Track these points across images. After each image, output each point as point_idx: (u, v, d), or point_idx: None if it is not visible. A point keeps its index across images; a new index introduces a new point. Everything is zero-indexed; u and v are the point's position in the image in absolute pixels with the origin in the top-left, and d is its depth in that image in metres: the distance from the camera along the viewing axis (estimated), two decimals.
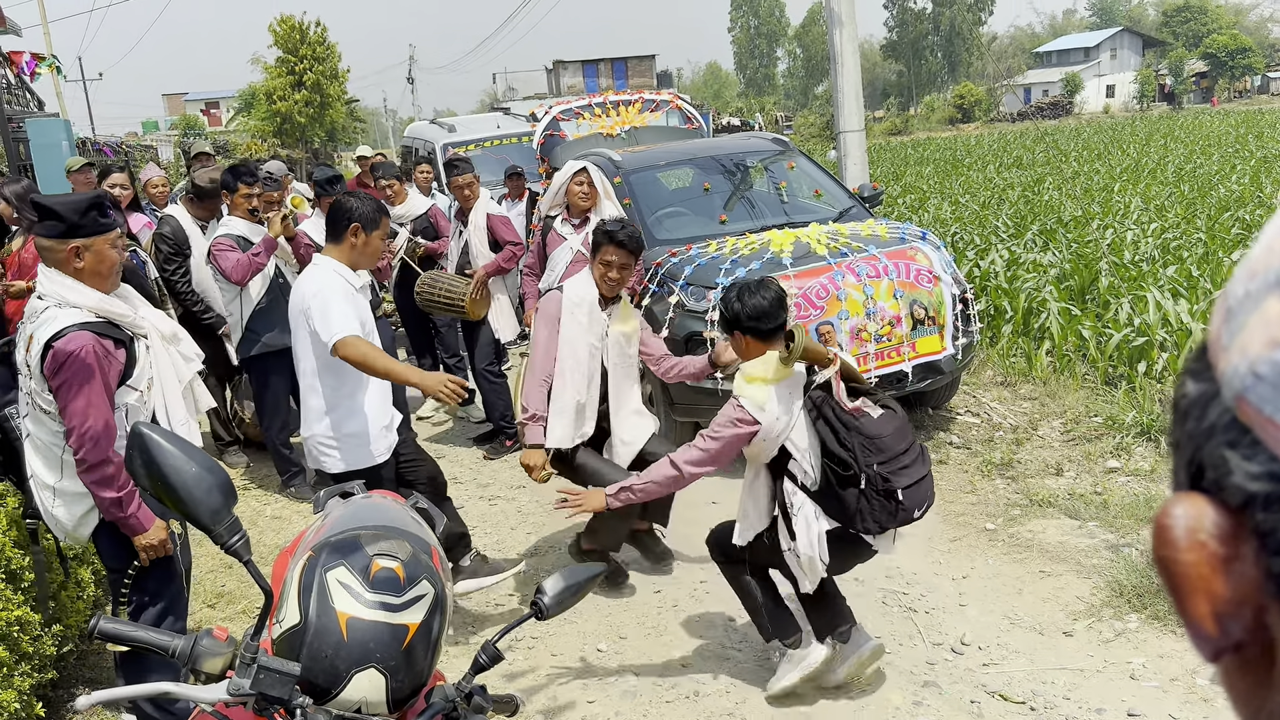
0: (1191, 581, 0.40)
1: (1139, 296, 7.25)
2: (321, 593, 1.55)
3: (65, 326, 2.83)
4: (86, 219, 2.90)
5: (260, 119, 40.64)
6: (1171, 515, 0.42)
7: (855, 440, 3.15)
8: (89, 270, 2.92)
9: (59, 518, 3.04)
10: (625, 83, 41.29)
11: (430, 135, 11.57)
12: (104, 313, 2.91)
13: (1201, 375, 0.43)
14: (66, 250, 2.89)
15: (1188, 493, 0.42)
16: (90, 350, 2.82)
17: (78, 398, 2.82)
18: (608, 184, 5.87)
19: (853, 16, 8.76)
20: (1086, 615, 3.82)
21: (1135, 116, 51.23)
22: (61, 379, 2.81)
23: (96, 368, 2.83)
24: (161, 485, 1.54)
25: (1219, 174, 15.76)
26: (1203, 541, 0.40)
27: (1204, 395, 0.43)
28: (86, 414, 2.83)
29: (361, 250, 3.81)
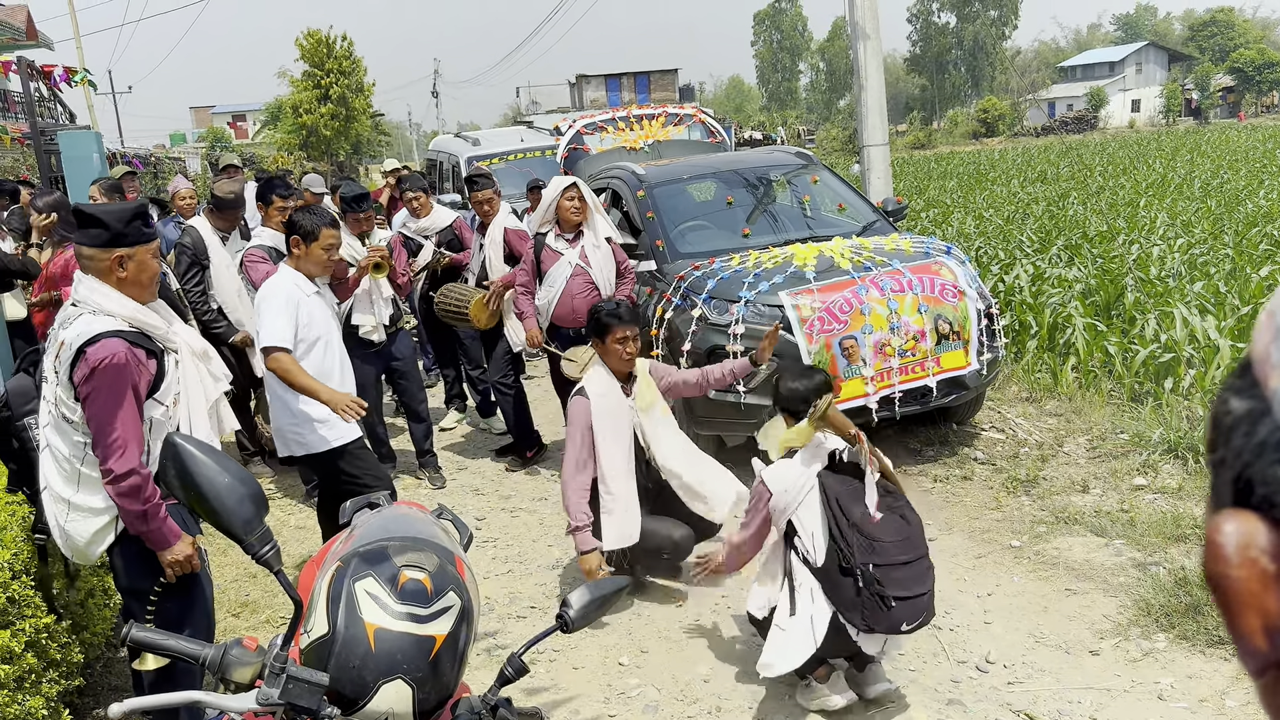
0: (1243, 597, 0.40)
1: (1165, 312, 7.19)
2: (349, 603, 1.56)
3: (99, 333, 2.78)
4: (130, 228, 2.89)
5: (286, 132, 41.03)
6: (1223, 532, 0.42)
7: (853, 536, 3.18)
8: (131, 279, 2.90)
9: (71, 533, 2.94)
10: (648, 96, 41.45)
11: (454, 149, 11.65)
12: (138, 323, 2.88)
13: (1247, 392, 0.43)
14: (110, 259, 2.87)
15: (1238, 510, 0.42)
16: (123, 357, 2.78)
17: (107, 405, 2.76)
18: (596, 199, 5.90)
19: (877, 30, 8.76)
20: (1113, 634, 3.78)
21: (1161, 131, 50.88)
22: (92, 386, 2.76)
23: (128, 376, 2.79)
24: (195, 495, 1.55)
25: (1246, 189, 15.61)
26: (1254, 558, 0.40)
27: (1252, 412, 0.42)
28: (115, 423, 2.77)
29: (305, 259, 4.27)
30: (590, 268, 5.66)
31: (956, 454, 5.85)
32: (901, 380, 5.44)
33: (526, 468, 6.28)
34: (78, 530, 2.93)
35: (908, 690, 3.55)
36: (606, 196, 7.12)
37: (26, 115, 11.73)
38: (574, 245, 5.72)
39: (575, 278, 5.68)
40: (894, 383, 5.40)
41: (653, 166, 7.12)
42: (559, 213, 5.72)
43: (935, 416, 6.06)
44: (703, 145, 8.63)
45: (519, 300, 5.86)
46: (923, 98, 76.55)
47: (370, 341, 5.78)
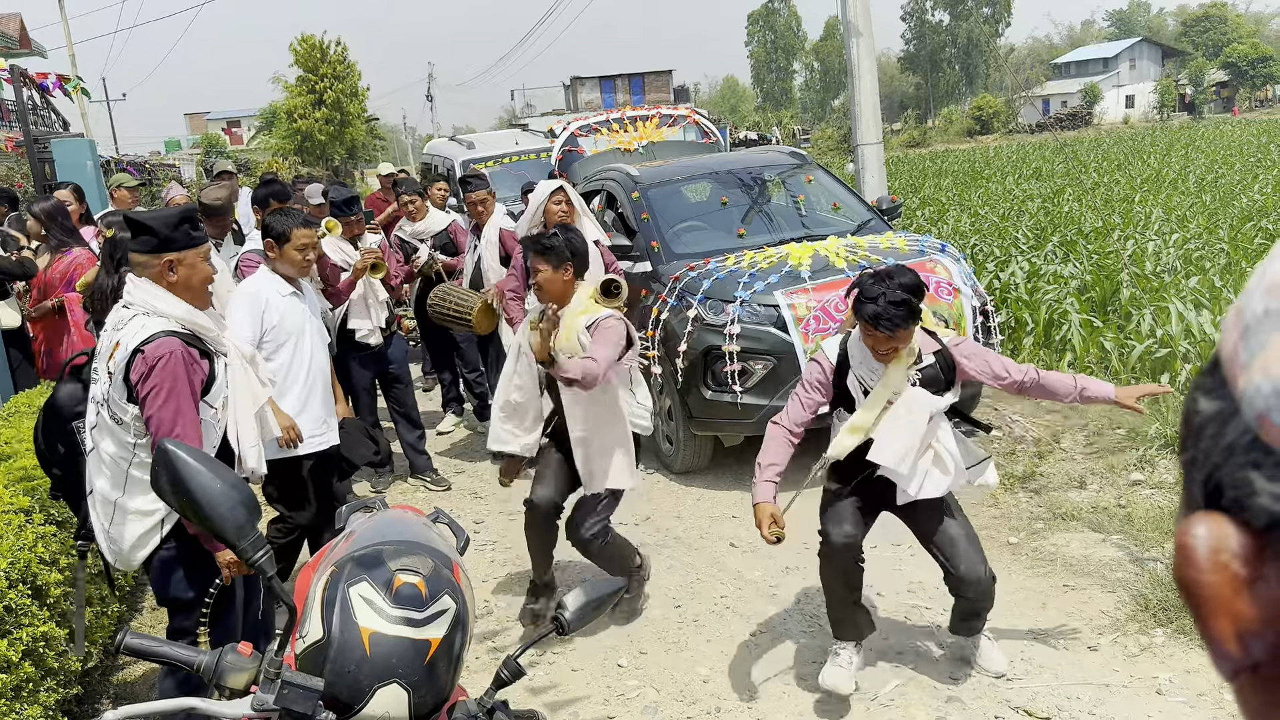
0: (1214, 602, 0.40)
1: (1161, 308, 7.20)
2: (344, 608, 1.56)
3: (155, 333, 2.83)
4: (178, 233, 2.93)
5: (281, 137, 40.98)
6: (1193, 535, 0.41)
7: None
8: (181, 283, 2.95)
9: (116, 537, 2.95)
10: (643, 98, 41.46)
11: (449, 152, 11.64)
12: (190, 325, 2.92)
13: (1216, 392, 0.43)
14: (160, 264, 2.91)
15: (1209, 512, 0.42)
16: (179, 356, 2.82)
17: (167, 404, 2.79)
18: (583, 202, 5.91)
19: (870, 29, 8.77)
20: (1111, 630, 3.79)
21: (1155, 127, 50.93)
22: (151, 384, 2.78)
23: (185, 374, 2.83)
24: (188, 502, 1.55)
25: (1241, 184, 15.63)
26: (1225, 562, 0.40)
27: (1221, 413, 0.42)
28: (175, 420, 2.80)
29: (280, 260, 4.34)
30: None
31: None
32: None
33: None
34: (123, 534, 2.95)
35: (906, 688, 3.55)
36: (601, 198, 7.13)
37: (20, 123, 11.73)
38: None
39: None
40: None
41: (647, 168, 7.13)
42: (546, 216, 5.72)
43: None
44: (697, 146, 8.65)
45: (509, 306, 5.85)
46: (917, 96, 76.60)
47: (367, 345, 5.78)
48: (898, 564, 4.50)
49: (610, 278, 4.20)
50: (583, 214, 5.79)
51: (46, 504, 3.52)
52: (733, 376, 5.40)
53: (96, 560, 3.33)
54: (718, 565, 4.67)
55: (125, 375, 2.82)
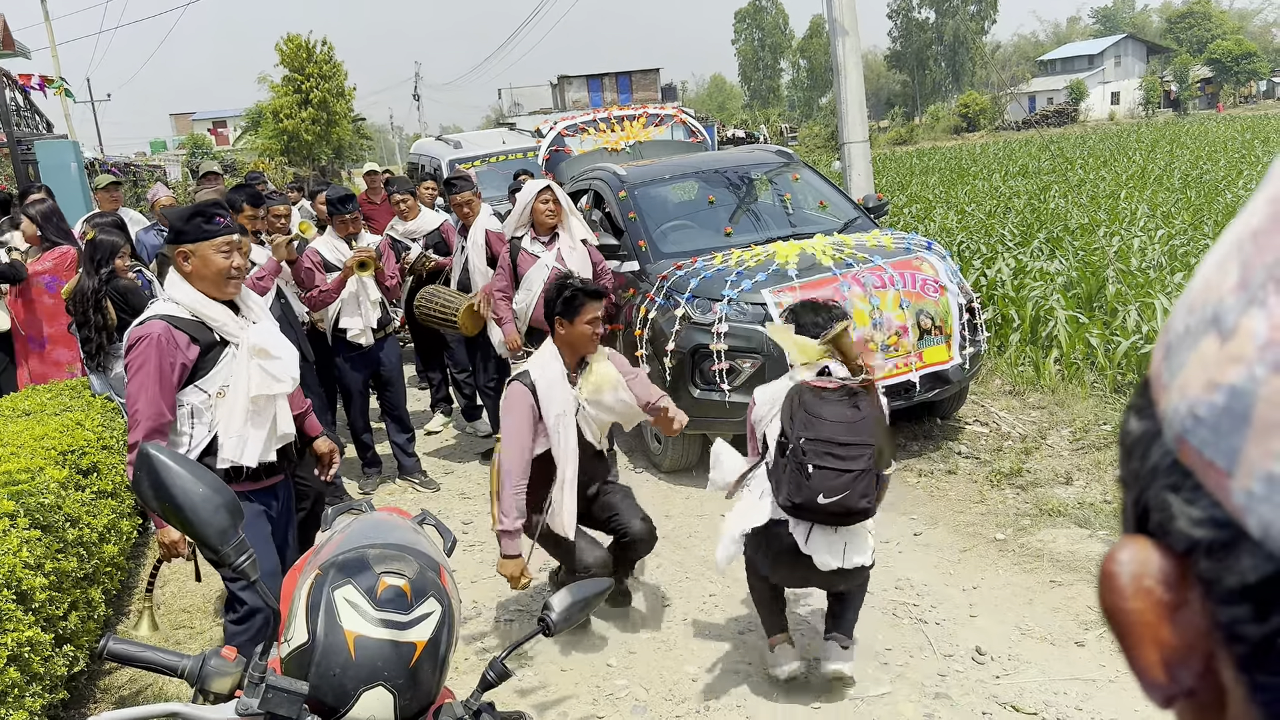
0: (1139, 629, 0.39)
1: (1147, 304, 7.23)
2: (329, 611, 1.55)
3: (149, 316, 3.05)
4: (190, 225, 3.10)
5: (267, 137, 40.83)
6: (1117, 561, 0.40)
7: (800, 413, 3.30)
8: (195, 273, 3.11)
9: None
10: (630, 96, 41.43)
11: (436, 152, 11.62)
12: (198, 313, 3.08)
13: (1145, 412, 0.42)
14: (175, 254, 3.11)
15: (1133, 537, 0.41)
16: (156, 339, 2.99)
17: (133, 380, 2.99)
18: (570, 201, 5.91)
19: (855, 27, 8.78)
20: (1098, 625, 3.80)
21: (1140, 123, 51.17)
22: (127, 360, 3.01)
23: (157, 356, 2.99)
24: (169, 506, 1.54)
25: (1226, 180, 15.72)
26: (1149, 588, 0.39)
27: (1147, 434, 0.41)
28: (138, 395, 2.99)
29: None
30: (567, 269, 5.66)
31: (940, 448, 5.88)
32: (884, 376, 5.45)
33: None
34: None
35: (895, 684, 3.56)
36: (589, 198, 7.12)
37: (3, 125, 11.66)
38: (550, 248, 5.71)
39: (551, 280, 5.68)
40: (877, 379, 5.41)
41: (634, 167, 7.12)
42: (534, 216, 5.72)
43: (918, 411, 6.08)
44: (684, 145, 8.64)
45: (497, 305, 5.84)
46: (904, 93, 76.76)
47: (358, 345, 5.76)
48: (885, 561, 4.51)
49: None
50: (570, 213, 5.79)
51: (31, 509, 3.50)
52: (721, 375, 5.40)
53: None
54: (706, 564, 4.67)
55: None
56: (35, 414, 4.70)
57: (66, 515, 3.75)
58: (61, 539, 3.62)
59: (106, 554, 4.03)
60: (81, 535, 3.79)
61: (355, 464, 6.28)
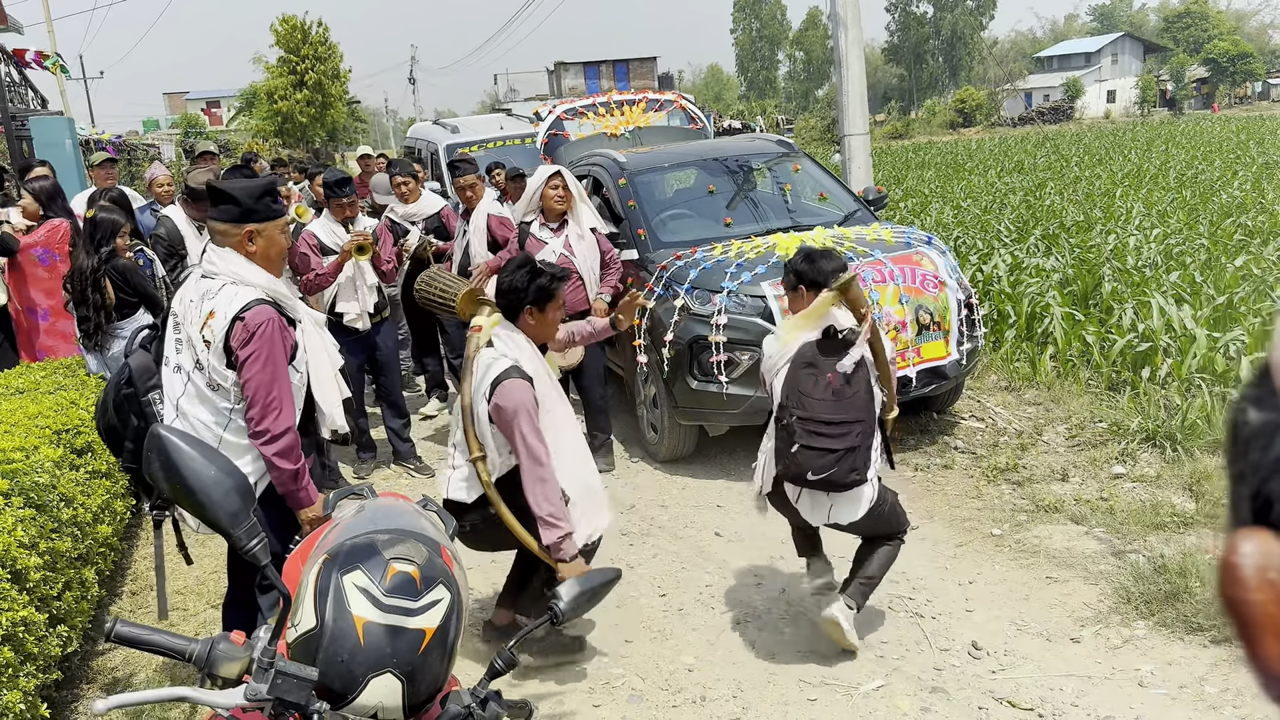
0: (1262, 621, 0.38)
1: (1142, 302, 7.25)
2: (338, 597, 1.54)
3: (250, 301, 2.92)
4: (260, 204, 3.00)
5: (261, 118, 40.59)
6: (1239, 553, 0.39)
7: (794, 391, 3.47)
8: (260, 254, 3.02)
9: None
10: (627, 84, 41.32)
11: (433, 136, 11.55)
12: (273, 294, 3.01)
13: (1266, 402, 0.41)
14: (241, 234, 2.98)
15: (1254, 529, 0.40)
16: (276, 323, 2.93)
17: (266, 368, 2.90)
18: (580, 187, 5.86)
19: (858, 20, 8.75)
20: (1094, 622, 3.81)
21: (1136, 122, 51.24)
22: (251, 349, 2.88)
23: (280, 340, 2.94)
24: (180, 488, 1.53)
25: (1221, 180, 15.75)
26: (1273, 580, 0.38)
27: (1269, 424, 0.40)
28: (273, 384, 2.91)
29: None
30: (574, 257, 5.63)
31: (937, 443, 5.88)
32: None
33: None
34: None
35: (891, 678, 3.56)
36: (588, 184, 7.09)
37: None
38: (558, 234, 5.69)
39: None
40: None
41: (634, 154, 7.09)
42: (543, 201, 5.69)
43: (915, 406, 6.09)
44: (683, 132, 8.60)
45: None
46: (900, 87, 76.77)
47: (354, 329, 5.73)
48: None
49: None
50: (579, 200, 5.74)
51: (26, 488, 3.47)
52: (719, 367, 5.39)
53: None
54: (702, 554, 4.67)
55: (226, 342, 2.91)
56: (29, 392, 4.66)
57: (61, 495, 3.72)
58: (56, 519, 3.60)
59: (100, 534, 4.01)
60: (76, 515, 3.77)
61: (350, 448, 6.25)
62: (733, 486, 5.49)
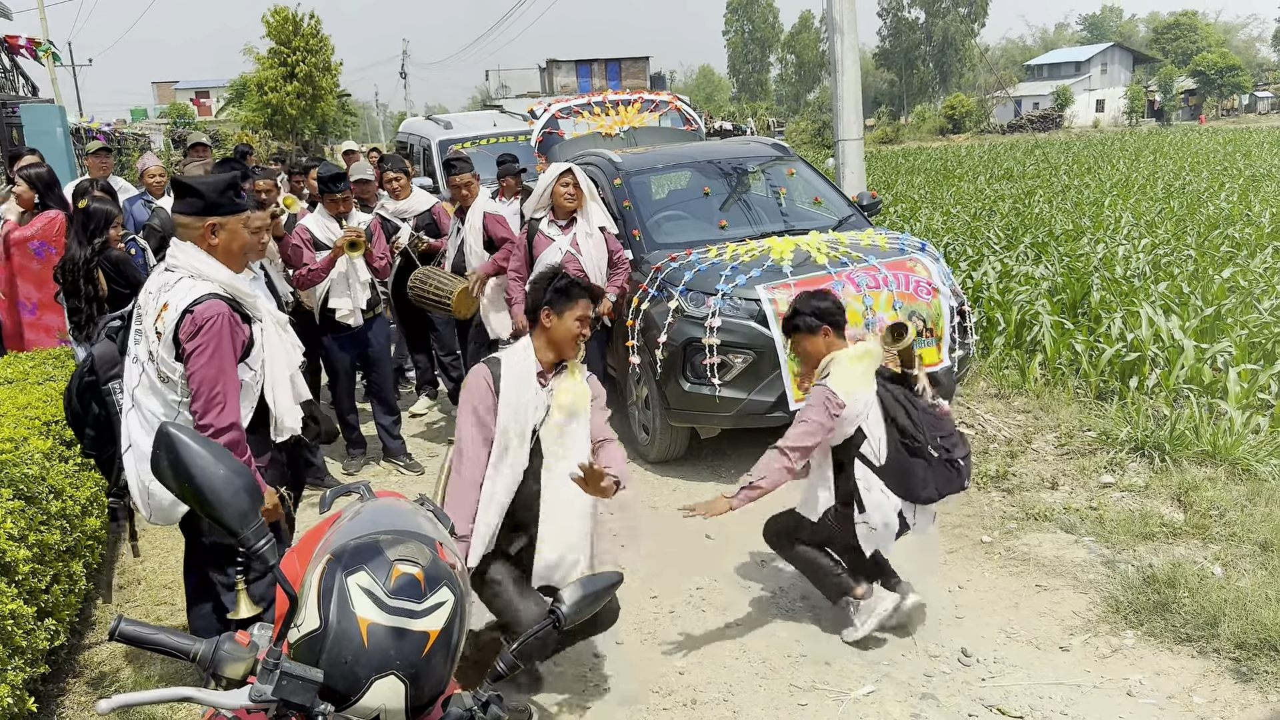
0: None
1: (1131, 311, 7.29)
2: (342, 598, 1.53)
3: (202, 294, 2.92)
4: (224, 198, 3.00)
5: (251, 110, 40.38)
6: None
7: (924, 419, 3.76)
8: (222, 248, 3.02)
9: (155, 493, 3.01)
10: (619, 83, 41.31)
11: (426, 131, 11.51)
12: (231, 290, 3.00)
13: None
14: (204, 227, 2.98)
15: None
16: (226, 319, 2.92)
17: (211, 362, 2.89)
18: (592, 186, 5.85)
19: (854, 25, 8.78)
20: (1083, 630, 3.83)
21: (1124, 131, 51.58)
22: (197, 343, 2.88)
23: (229, 336, 2.92)
24: (189, 487, 1.52)
25: (1208, 191, 15.87)
26: None
27: None
28: (217, 379, 2.90)
29: None
30: (581, 255, 5.61)
31: None
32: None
33: None
34: (162, 490, 2.99)
35: (881, 684, 3.57)
36: None
37: None
38: (566, 232, 5.67)
39: (565, 264, 5.63)
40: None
41: (630, 154, 7.08)
42: (554, 198, 5.67)
43: None
44: (678, 133, 8.61)
45: (511, 286, 5.81)
46: (891, 93, 77.00)
47: (346, 325, 5.71)
48: None
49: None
50: (590, 198, 5.72)
51: (15, 480, 3.44)
52: (712, 369, 5.39)
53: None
54: (693, 557, 4.67)
55: (175, 334, 2.91)
56: (18, 383, 4.62)
57: (50, 487, 3.69)
58: (45, 511, 3.57)
59: (89, 527, 3.98)
60: (65, 507, 3.74)
61: (339, 444, 6.23)
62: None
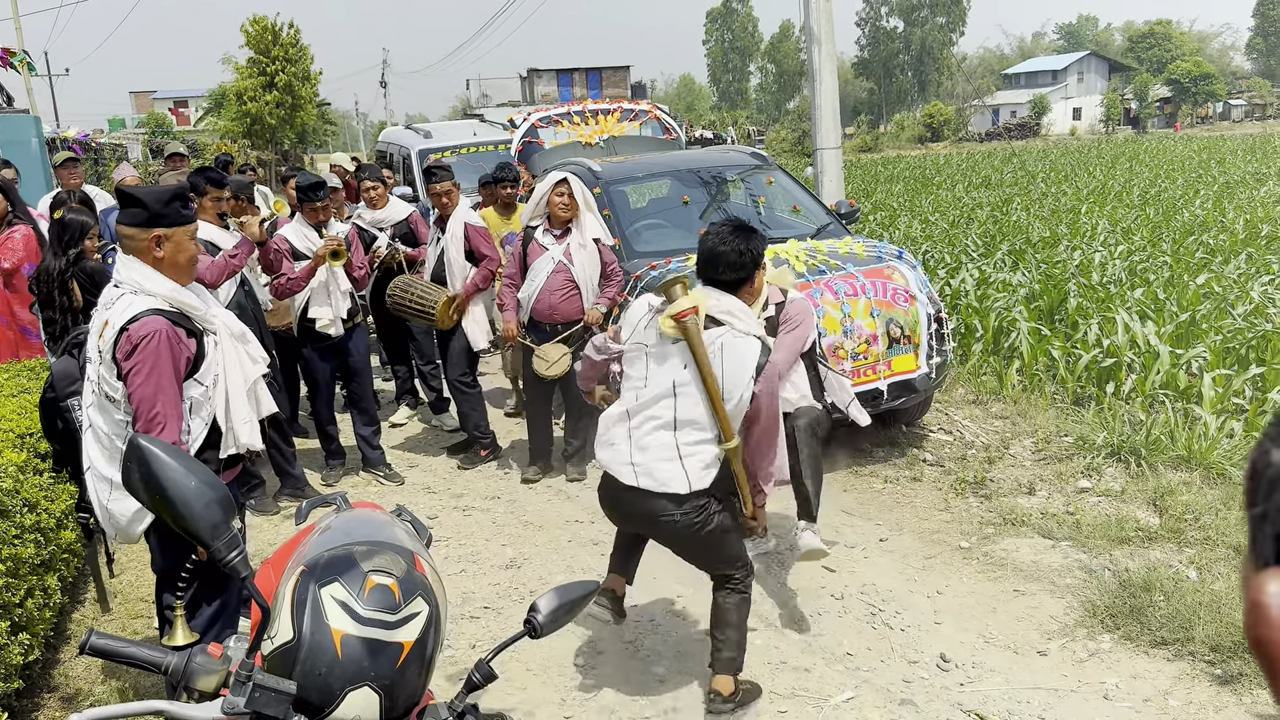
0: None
1: (1107, 318, 7.36)
2: (315, 609, 1.53)
3: (140, 311, 2.84)
4: (169, 209, 2.92)
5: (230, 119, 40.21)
6: (1267, 593, 0.40)
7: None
8: (168, 260, 2.94)
9: (114, 512, 2.97)
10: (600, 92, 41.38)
11: (406, 141, 11.49)
12: (177, 303, 2.92)
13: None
14: (148, 239, 2.91)
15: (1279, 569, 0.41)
16: (163, 335, 2.83)
17: (148, 381, 2.81)
18: (589, 196, 5.85)
19: (831, 35, 8.83)
20: (1060, 635, 3.86)
21: (1101, 139, 52.06)
22: (133, 363, 2.80)
23: (168, 353, 2.84)
24: (160, 499, 1.51)
25: (1183, 198, 16.04)
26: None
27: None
28: (155, 399, 2.82)
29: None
30: (572, 265, 5.61)
31: (905, 455, 5.93)
32: (854, 383, 5.48)
33: (479, 466, 6.23)
34: (120, 509, 2.96)
35: (860, 689, 3.58)
36: None
37: None
38: (560, 242, 5.66)
39: (556, 274, 5.63)
40: None
41: (610, 163, 7.09)
42: (549, 208, 5.67)
43: (885, 418, 6.13)
44: (658, 142, 8.63)
45: (503, 292, 5.81)
46: (870, 101, 77.45)
47: (326, 335, 5.69)
48: (852, 565, 4.55)
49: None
50: (585, 207, 5.70)
51: None
52: None
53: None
54: (675, 565, 4.64)
55: (113, 354, 2.84)
56: None
57: (24, 500, 3.66)
58: (19, 524, 3.53)
59: (64, 540, 3.94)
60: (39, 520, 3.70)
61: (318, 455, 6.20)
62: None
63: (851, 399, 4.51)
